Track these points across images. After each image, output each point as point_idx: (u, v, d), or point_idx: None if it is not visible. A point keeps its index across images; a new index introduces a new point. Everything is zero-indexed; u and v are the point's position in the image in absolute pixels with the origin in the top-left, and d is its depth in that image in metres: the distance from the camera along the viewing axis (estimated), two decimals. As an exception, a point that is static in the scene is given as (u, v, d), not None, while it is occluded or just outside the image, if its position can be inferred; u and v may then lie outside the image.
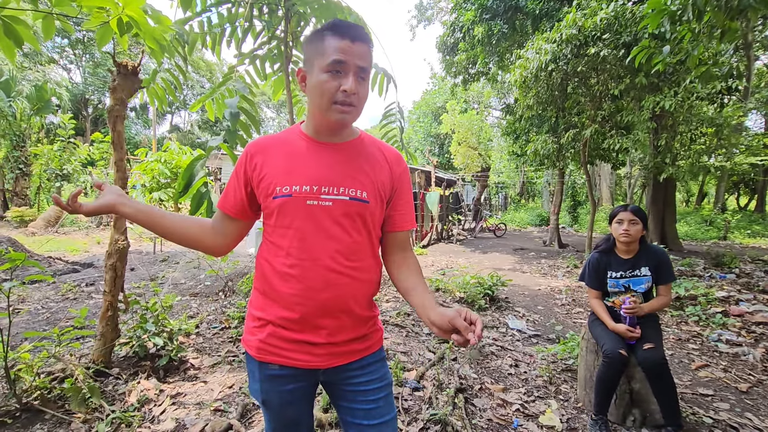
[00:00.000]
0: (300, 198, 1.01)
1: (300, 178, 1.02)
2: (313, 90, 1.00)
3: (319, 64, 0.98)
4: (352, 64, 0.97)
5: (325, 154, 1.07)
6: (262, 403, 1.11)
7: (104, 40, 1.83)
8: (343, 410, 1.13)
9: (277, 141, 1.10)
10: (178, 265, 7.00)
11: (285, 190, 1.02)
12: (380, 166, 1.11)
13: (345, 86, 0.96)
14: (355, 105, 1.00)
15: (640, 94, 7.20)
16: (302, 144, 1.08)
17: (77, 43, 25.21)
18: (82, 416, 2.15)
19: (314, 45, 1.00)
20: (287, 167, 1.04)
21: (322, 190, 1.02)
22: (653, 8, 3.14)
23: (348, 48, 0.96)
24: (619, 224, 2.39)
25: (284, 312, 1.04)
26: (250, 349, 1.10)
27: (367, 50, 1.00)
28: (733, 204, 24.03)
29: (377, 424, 1.09)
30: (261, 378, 1.08)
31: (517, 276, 7.27)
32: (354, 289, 1.05)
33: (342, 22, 0.99)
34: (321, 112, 1.01)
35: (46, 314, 4.23)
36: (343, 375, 1.10)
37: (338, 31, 0.97)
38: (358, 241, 1.06)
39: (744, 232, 14.81)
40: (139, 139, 27.44)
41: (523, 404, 2.56)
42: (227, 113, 2.63)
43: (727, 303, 4.84)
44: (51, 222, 11.81)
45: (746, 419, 2.48)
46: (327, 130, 1.07)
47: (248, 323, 1.13)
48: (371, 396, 1.10)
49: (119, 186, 2.61)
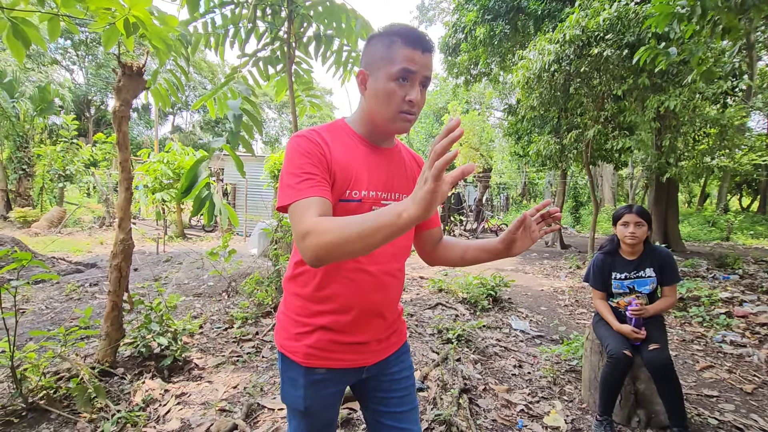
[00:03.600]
0: (368, 203, 1.01)
1: (367, 182, 1.01)
2: (377, 96, 0.98)
3: (387, 71, 0.95)
4: (420, 75, 0.96)
5: (381, 159, 1.07)
6: (303, 410, 1.08)
7: (111, 42, 1.84)
8: (377, 401, 1.16)
9: (331, 135, 1.02)
10: (181, 265, 7.01)
11: (355, 194, 0.99)
12: (417, 171, 1.17)
13: (410, 96, 0.96)
14: (416, 114, 1.00)
15: (643, 94, 7.18)
16: (359, 146, 1.05)
17: (80, 45, 25.30)
18: (88, 416, 2.16)
19: (382, 49, 0.97)
20: (354, 169, 1.00)
21: (382, 195, 1.04)
22: (659, 11, 3.13)
23: (418, 58, 0.95)
24: (624, 226, 2.38)
25: (337, 316, 1.04)
26: (294, 356, 1.06)
27: (432, 61, 1.00)
28: (735, 205, 23.94)
29: (409, 410, 1.16)
30: (305, 384, 1.06)
31: (519, 277, 7.26)
32: (399, 288, 1.13)
33: (413, 30, 0.97)
34: (384, 119, 0.99)
35: (50, 314, 4.24)
36: (384, 367, 1.15)
37: (410, 40, 0.95)
38: (406, 243, 1.13)
39: (747, 233, 14.75)
40: (142, 140, 27.53)
41: (527, 405, 2.55)
42: (230, 115, 2.63)
43: (730, 304, 4.83)
44: (54, 222, 11.85)
45: (752, 420, 2.47)
46: (384, 135, 1.07)
47: (289, 330, 1.08)
48: (404, 384, 1.17)
49: (124, 186, 2.62)
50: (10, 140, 13.25)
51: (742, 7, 2.70)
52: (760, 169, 15.33)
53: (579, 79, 7.50)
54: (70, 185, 14.54)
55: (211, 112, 3.31)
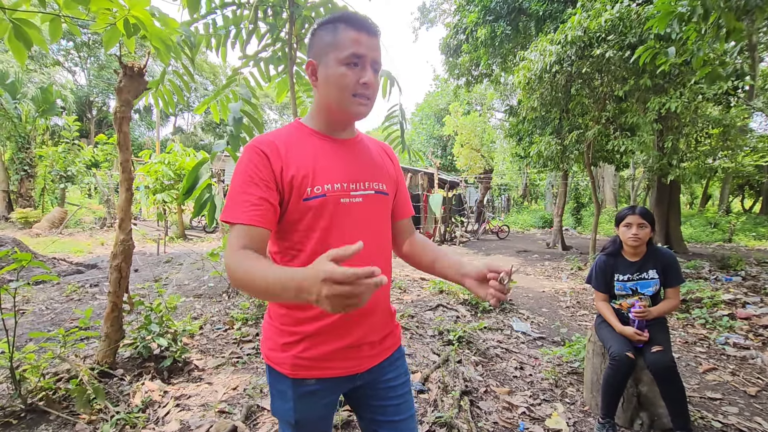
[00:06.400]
0: (334, 197, 0.98)
1: (329, 176, 0.99)
2: (329, 82, 0.97)
3: (336, 56, 0.95)
4: (369, 57, 0.96)
5: (344, 150, 1.05)
6: (294, 423, 1.04)
7: (112, 42, 1.84)
8: (373, 410, 1.12)
9: (287, 139, 1.01)
10: (181, 266, 7.01)
11: (317, 190, 0.97)
12: (386, 158, 1.15)
13: (364, 79, 0.95)
14: (371, 98, 0.99)
15: (644, 95, 7.17)
16: (317, 141, 1.03)
17: (82, 46, 25.39)
18: (87, 417, 2.15)
19: (326, 36, 0.98)
20: (312, 166, 0.98)
21: (351, 186, 1.01)
22: (660, 10, 3.12)
23: (365, 41, 0.95)
24: (627, 228, 2.36)
25: (323, 320, 0.99)
26: (281, 368, 1.02)
27: (379, 44, 1.00)
28: (737, 206, 23.89)
29: (407, 418, 1.11)
30: (295, 397, 1.02)
31: (520, 278, 7.24)
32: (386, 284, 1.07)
33: (355, 14, 0.98)
34: (339, 104, 0.98)
35: (50, 315, 4.24)
36: (378, 374, 1.10)
37: (354, 24, 0.96)
38: (385, 233, 1.09)
39: (749, 234, 14.71)
40: (143, 141, 27.60)
41: (528, 407, 2.54)
42: (230, 118, 2.64)
43: (733, 306, 4.80)
44: (55, 223, 11.87)
45: (756, 424, 2.45)
46: (342, 123, 1.05)
47: (275, 340, 1.04)
48: (400, 391, 1.12)
49: (125, 186, 2.62)
50: (12, 141, 13.29)
51: (745, 8, 2.69)
52: (762, 170, 15.31)
53: (580, 80, 7.49)
54: (71, 186, 14.58)
55: (215, 115, 3.31)
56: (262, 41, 3.48)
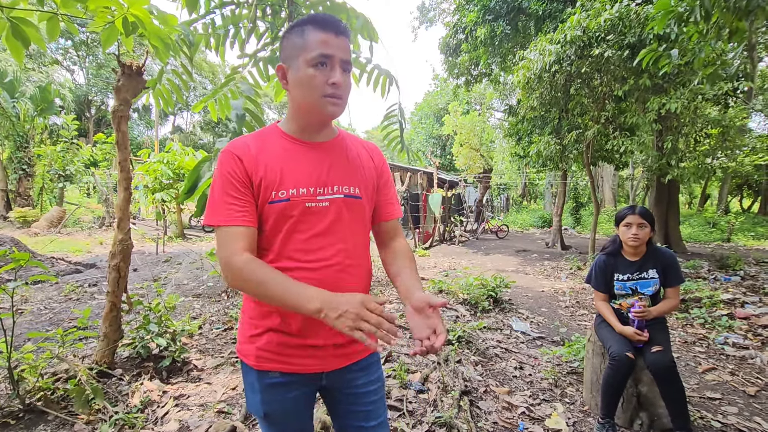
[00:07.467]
0: (298, 201, 0.99)
1: (295, 180, 1.00)
2: (299, 84, 0.98)
3: (304, 59, 0.96)
4: (338, 58, 0.96)
5: (315, 154, 1.05)
6: (263, 416, 1.06)
7: (110, 41, 1.83)
8: (343, 414, 1.13)
9: (260, 142, 1.03)
10: (180, 265, 7.00)
11: (282, 194, 0.98)
12: (365, 161, 1.13)
13: (333, 79, 0.96)
14: (343, 97, 0.99)
15: (644, 95, 7.17)
16: (288, 145, 1.04)
17: (81, 45, 25.32)
18: (86, 417, 2.14)
19: (295, 39, 0.99)
20: (280, 170, 1.00)
21: (318, 191, 1.01)
22: (660, 10, 3.12)
23: (332, 41, 0.96)
24: (627, 228, 2.36)
25: (284, 316, 1.01)
26: (247, 359, 1.05)
27: (348, 43, 1.00)
28: (736, 206, 23.93)
29: (376, 425, 1.12)
30: (261, 388, 1.04)
31: (520, 278, 7.24)
32: (354, 285, 1.05)
33: (322, 15, 0.98)
34: (310, 107, 1.00)
35: (48, 315, 4.23)
36: (345, 377, 1.09)
37: (320, 25, 0.96)
38: (356, 238, 1.07)
39: (748, 234, 14.73)
40: (142, 140, 27.53)
41: (528, 407, 2.53)
42: (233, 115, 2.62)
43: (732, 305, 4.81)
44: (54, 223, 11.84)
45: (755, 423, 2.45)
46: (315, 125, 1.05)
47: (244, 332, 1.07)
48: (371, 397, 1.12)
49: (124, 185, 2.61)
50: (11, 140, 13.26)
51: (747, 8, 2.68)
52: (760, 170, 15.33)
53: (580, 80, 7.48)
54: (70, 185, 14.55)
55: (213, 114, 3.29)
56: (261, 40, 3.47)
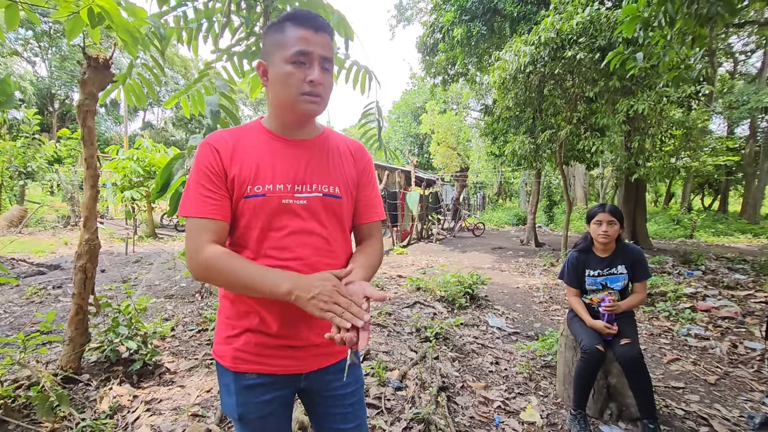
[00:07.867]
0: (274, 198, 0.98)
1: (272, 177, 0.98)
2: (277, 82, 0.97)
3: (282, 56, 0.95)
4: (317, 55, 0.95)
5: (294, 151, 1.03)
6: (238, 418, 1.04)
7: (74, 32, 1.74)
8: (321, 416, 1.12)
9: (239, 137, 1.02)
10: (152, 266, 6.78)
11: (258, 189, 0.97)
12: (347, 160, 1.11)
13: (311, 77, 0.95)
14: (322, 95, 0.98)
15: (613, 97, 7.42)
16: (269, 141, 1.03)
17: (43, 36, 24.11)
18: (50, 425, 2.05)
19: (275, 36, 0.97)
20: (257, 165, 0.98)
21: (296, 188, 1.00)
22: (628, 15, 3.23)
23: (311, 38, 0.94)
24: (597, 225, 2.44)
25: (263, 316, 0.99)
26: (223, 360, 1.03)
27: (329, 40, 0.98)
28: (698, 204, 25.11)
29: (353, 427, 1.11)
30: (237, 390, 1.02)
31: (496, 274, 7.38)
32: None
33: (302, 11, 0.96)
34: (288, 105, 0.98)
35: (9, 319, 4.02)
36: (324, 379, 1.09)
37: (300, 21, 0.95)
38: (335, 238, 1.06)
39: (709, 230, 15.50)
40: (110, 136, 26.51)
41: (504, 401, 2.59)
42: (208, 111, 2.56)
43: (694, 299, 5.05)
44: (14, 222, 11.24)
45: (715, 410, 2.58)
46: (294, 123, 1.04)
47: (220, 333, 1.05)
48: (349, 399, 1.11)
49: (90, 183, 2.50)
50: (-34, 135, 12.49)
51: (707, 15, 2.81)
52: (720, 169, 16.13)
53: (553, 81, 7.68)
54: (31, 183, 13.83)
55: (185, 110, 3.20)
56: (235, 35, 3.39)
